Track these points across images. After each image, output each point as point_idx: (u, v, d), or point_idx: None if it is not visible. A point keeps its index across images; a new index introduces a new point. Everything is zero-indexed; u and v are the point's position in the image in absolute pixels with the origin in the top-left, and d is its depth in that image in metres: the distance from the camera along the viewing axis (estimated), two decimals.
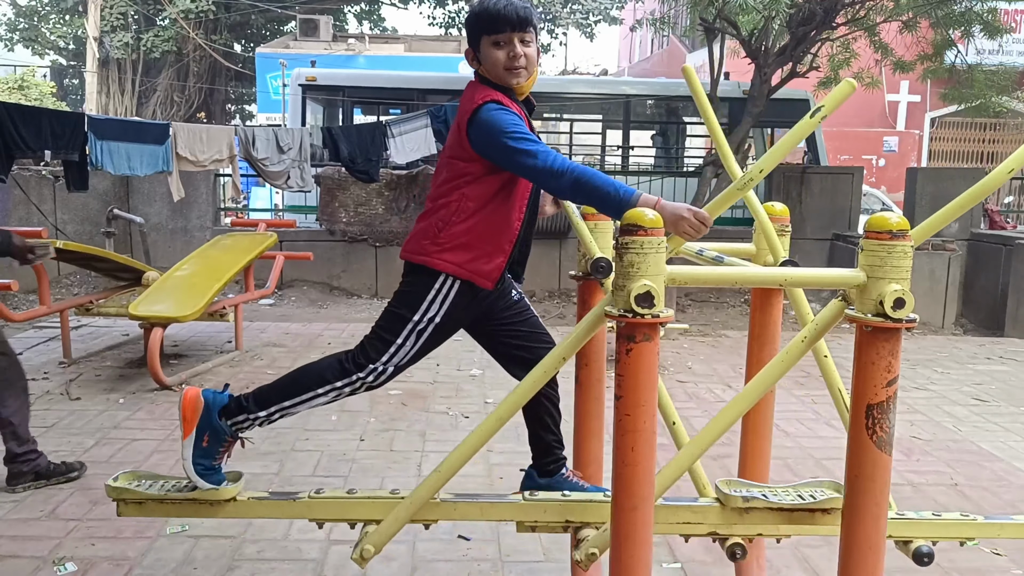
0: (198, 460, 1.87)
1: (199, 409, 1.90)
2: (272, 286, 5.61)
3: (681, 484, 1.87)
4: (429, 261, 1.93)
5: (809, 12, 6.45)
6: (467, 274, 1.93)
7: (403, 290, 1.99)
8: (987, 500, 3.17)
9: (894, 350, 1.44)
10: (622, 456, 1.45)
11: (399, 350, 1.94)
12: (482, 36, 1.91)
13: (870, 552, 1.49)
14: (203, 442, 1.88)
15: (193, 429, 1.88)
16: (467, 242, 1.93)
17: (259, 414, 1.92)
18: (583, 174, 1.78)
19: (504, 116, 1.85)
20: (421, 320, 1.93)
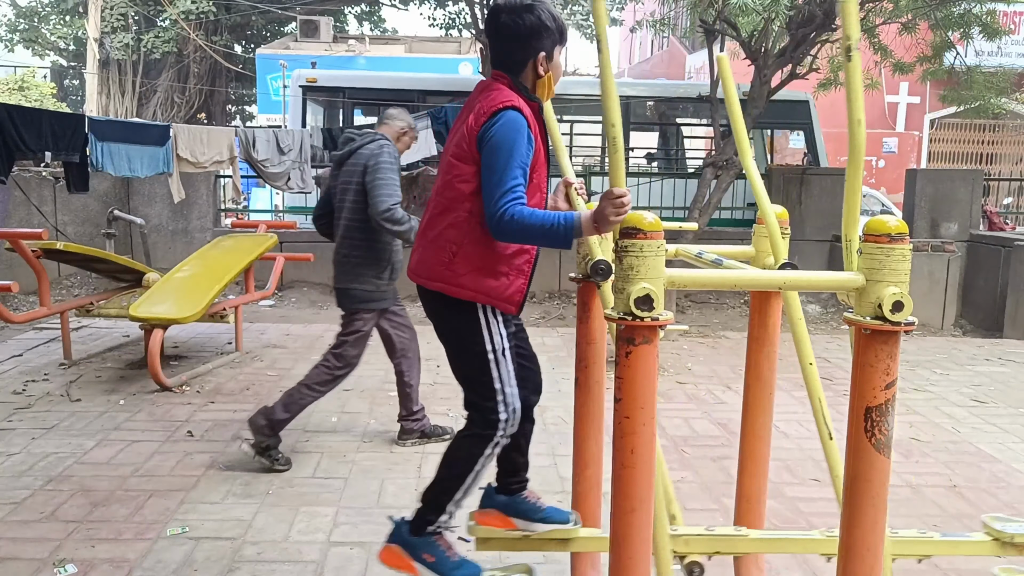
0: (444, 572, 1.94)
1: (399, 551, 1.98)
2: (272, 287, 5.62)
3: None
4: (447, 289, 1.91)
5: (809, 14, 6.46)
6: (488, 300, 1.92)
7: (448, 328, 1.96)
8: (986, 501, 3.18)
9: (893, 353, 1.44)
10: (621, 458, 1.46)
11: (504, 384, 1.94)
12: (557, 46, 1.94)
13: (868, 554, 1.50)
14: (428, 560, 1.95)
15: (414, 564, 1.95)
16: (483, 267, 1.90)
17: (441, 517, 1.97)
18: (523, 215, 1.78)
19: (521, 135, 1.82)
20: (495, 345, 1.93)
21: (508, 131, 1.82)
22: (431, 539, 1.97)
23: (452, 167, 1.93)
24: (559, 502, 2.95)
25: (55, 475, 3.15)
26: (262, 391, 4.38)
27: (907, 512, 2.99)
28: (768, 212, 1.98)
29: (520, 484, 2.11)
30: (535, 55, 1.92)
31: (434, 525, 1.97)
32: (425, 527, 1.97)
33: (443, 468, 2.00)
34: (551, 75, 1.95)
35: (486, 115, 1.84)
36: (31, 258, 4.50)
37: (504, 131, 1.82)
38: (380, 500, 3.01)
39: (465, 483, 1.96)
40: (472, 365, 1.95)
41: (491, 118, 1.84)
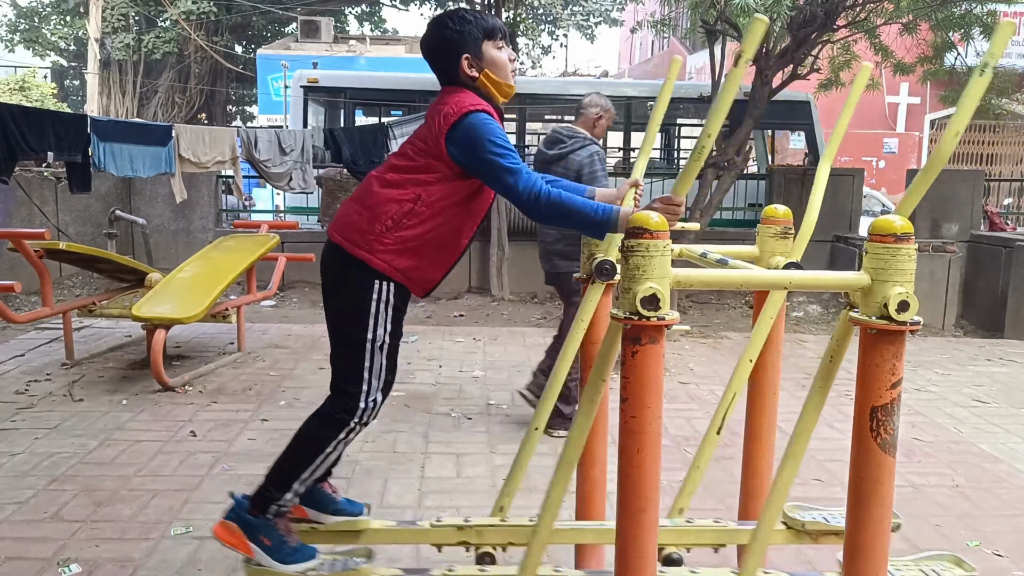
0: (279, 558, 1.91)
1: (235, 530, 1.94)
2: (274, 287, 5.62)
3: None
4: (369, 259, 1.88)
5: (810, 14, 6.47)
6: (403, 279, 1.91)
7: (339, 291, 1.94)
8: (988, 501, 3.18)
9: (898, 353, 1.45)
10: (628, 458, 1.46)
11: (372, 376, 1.92)
12: (483, 42, 1.93)
13: (875, 554, 1.50)
14: (265, 543, 1.91)
15: (249, 544, 1.92)
16: (413, 248, 1.90)
17: (286, 496, 1.94)
18: (559, 199, 1.79)
19: (495, 128, 1.85)
20: (376, 336, 1.91)
21: (481, 130, 1.84)
22: (271, 521, 1.93)
23: (415, 153, 1.92)
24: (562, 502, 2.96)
25: (58, 475, 3.15)
26: (264, 391, 4.38)
27: (910, 512, 3.00)
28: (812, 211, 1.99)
29: (321, 478, 2.09)
30: (458, 60, 1.93)
31: (277, 503, 1.93)
32: (267, 504, 1.93)
33: (294, 445, 1.97)
34: (487, 72, 1.94)
35: (455, 116, 1.86)
36: (33, 258, 4.50)
37: (477, 132, 1.84)
38: (383, 500, 3.01)
39: (314, 463, 1.93)
40: (348, 346, 1.93)
41: (456, 125, 1.85)
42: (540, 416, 2.06)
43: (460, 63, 1.93)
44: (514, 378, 4.82)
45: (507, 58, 1.97)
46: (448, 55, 1.94)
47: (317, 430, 1.96)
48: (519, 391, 4.00)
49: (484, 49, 1.94)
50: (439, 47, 1.96)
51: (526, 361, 5.27)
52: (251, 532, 1.92)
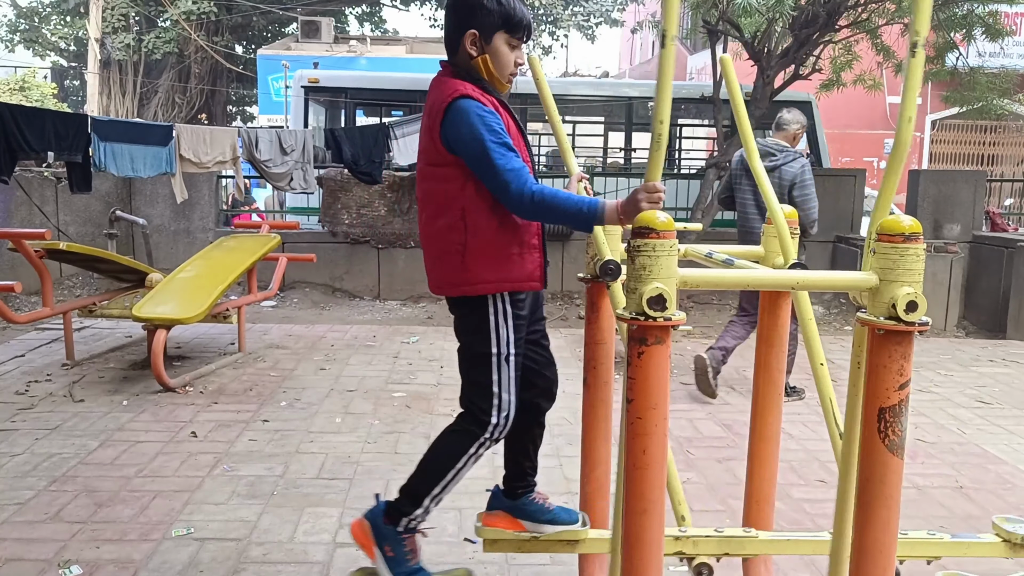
0: (396, 570, 1.91)
1: (367, 530, 1.94)
2: (275, 288, 5.61)
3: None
4: (469, 291, 1.89)
5: (812, 15, 6.46)
6: (511, 286, 1.89)
7: (463, 327, 1.96)
8: (992, 503, 3.17)
9: (906, 353, 1.43)
10: (633, 459, 1.45)
11: (502, 389, 1.91)
12: (499, 31, 1.87)
13: (881, 556, 1.49)
14: (388, 553, 1.92)
15: (374, 547, 1.93)
16: (493, 254, 1.87)
17: (417, 512, 1.94)
18: (545, 193, 1.76)
19: (486, 114, 1.80)
20: (500, 349, 1.90)
21: (464, 121, 1.78)
22: (400, 535, 1.94)
23: (429, 174, 1.91)
24: (565, 503, 2.95)
25: (59, 476, 3.14)
26: (265, 392, 4.37)
27: (914, 513, 2.98)
28: (776, 212, 1.97)
29: (526, 488, 2.09)
30: (464, 31, 1.87)
31: (409, 517, 1.93)
32: (400, 517, 1.93)
33: (426, 460, 1.97)
34: (487, 58, 1.87)
35: (439, 114, 1.82)
36: (34, 258, 4.49)
37: (458, 124, 1.79)
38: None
39: (446, 479, 1.92)
40: (474, 363, 1.93)
41: (443, 117, 1.82)
42: None
43: (464, 34, 1.87)
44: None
45: (513, 59, 1.91)
46: (461, 19, 1.88)
47: (449, 443, 1.95)
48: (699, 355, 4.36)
49: (495, 37, 1.87)
50: (456, 8, 1.90)
51: None
52: (379, 538, 1.93)
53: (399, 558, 1.92)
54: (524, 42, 1.93)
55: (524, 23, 1.89)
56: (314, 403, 4.16)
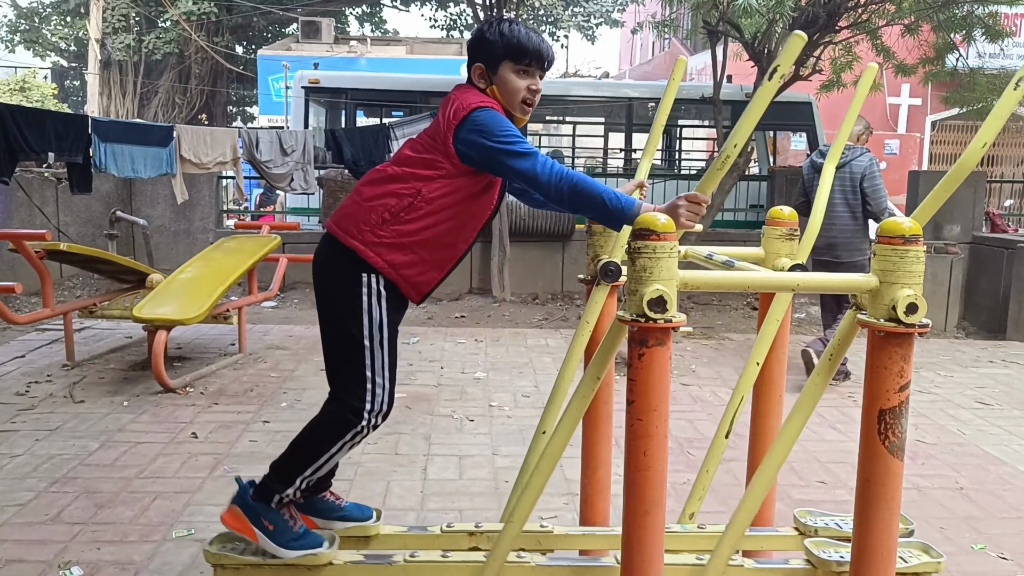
0: (282, 542, 1.88)
1: (239, 514, 1.91)
2: (276, 288, 5.61)
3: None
4: (363, 251, 1.85)
5: (812, 15, 6.46)
6: (396, 277, 1.87)
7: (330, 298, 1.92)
8: (992, 504, 3.17)
9: (906, 355, 1.44)
10: (634, 461, 1.45)
11: (375, 374, 1.87)
12: (505, 60, 1.88)
13: (882, 557, 1.49)
14: (268, 527, 1.88)
15: (254, 528, 1.89)
16: (408, 244, 1.86)
17: (288, 490, 1.91)
18: (582, 182, 1.74)
19: (501, 119, 1.82)
20: (372, 332, 1.86)
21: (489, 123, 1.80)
22: (278, 510, 1.91)
23: (422, 148, 1.90)
24: (565, 504, 2.96)
25: (59, 477, 3.14)
26: (265, 393, 4.37)
27: (914, 514, 2.98)
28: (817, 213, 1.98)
29: (320, 488, 2.08)
30: (472, 66, 1.93)
31: (280, 495, 1.91)
32: (272, 495, 1.91)
33: (300, 441, 1.94)
34: (494, 89, 1.90)
35: (459, 118, 1.83)
36: (34, 259, 4.49)
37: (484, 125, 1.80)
38: (386, 502, 3.00)
39: (319, 462, 1.90)
40: (345, 351, 1.89)
41: (463, 122, 1.82)
42: (547, 421, 2.03)
43: (472, 69, 1.94)
44: (516, 380, 4.81)
45: (524, 86, 1.90)
46: (470, 55, 1.96)
47: (323, 427, 1.92)
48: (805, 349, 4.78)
49: (501, 68, 1.89)
50: (470, 45, 1.97)
51: (528, 362, 5.26)
52: (254, 517, 1.89)
53: (281, 527, 1.89)
54: (538, 68, 1.91)
55: (530, 49, 1.88)
56: (315, 404, 4.13)
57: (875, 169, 4.66)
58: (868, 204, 4.66)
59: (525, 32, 1.90)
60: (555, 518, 2.80)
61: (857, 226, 4.74)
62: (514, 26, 1.90)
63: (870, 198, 4.64)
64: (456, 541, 2.00)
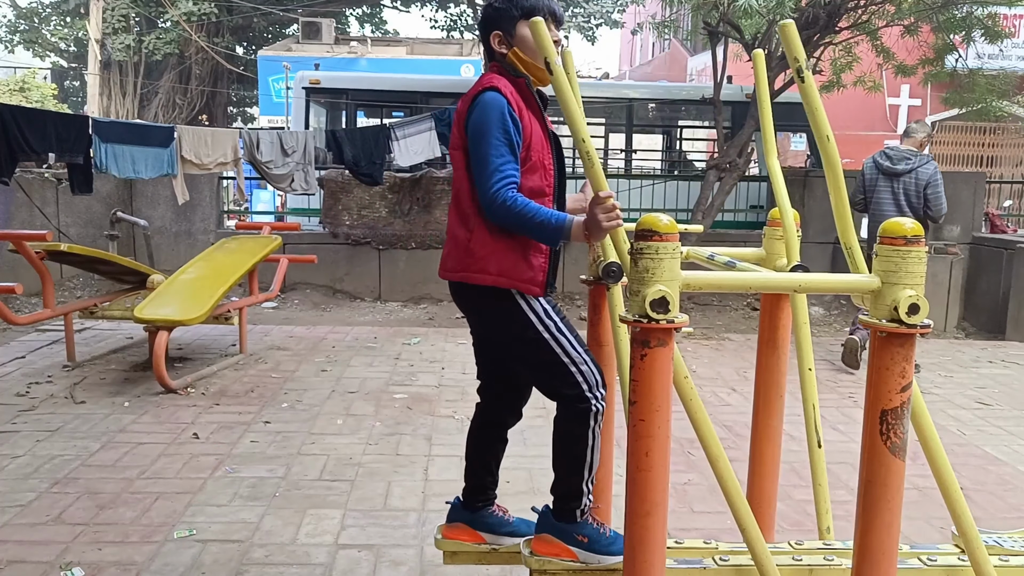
0: (602, 549, 1.89)
1: (550, 539, 1.92)
2: (276, 289, 5.62)
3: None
4: (468, 277, 1.90)
5: (812, 16, 6.47)
6: (512, 284, 1.88)
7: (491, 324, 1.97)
8: (993, 504, 3.17)
9: (908, 356, 1.44)
10: (636, 461, 1.46)
11: (571, 358, 1.89)
12: (519, 20, 1.92)
13: (884, 558, 1.50)
14: (583, 540, 1.89)
15: (572, 548, 1.90)
16: (498, 245, 1.88)
17: (582, 500, 1.92)
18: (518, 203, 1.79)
19: (500, 113, 1.83)
20: (546, 325, 1.89)
21: (482, 113, 1.84)
22: (586, 522, 1.92)
23: (454, 159, 1.96)
24: None
25: (61, 477, 3.14)
26: (266, 393, 4.38)
27: (915, 515, 2.99)
28: (787, 214, 1.98)
29: (487, 501, 2.10)
30: (489, 36, 1.96)
31: (580, 508, 1.92)
32: (573, 512, 1.92)
33: (559, 455, 1.94)
34: (516, 50, 1.93)
35: (468, 101, 1.89)
36: (35, 260, 4.50)
37: (479, 115, 1.85)
38: (387, 503, 3.00)
39: (587, 459, 1.90)
40: (531, 353, 1.91)
41: (471, 105, 1.88)
42: None
43: (491, 39, 1.96)
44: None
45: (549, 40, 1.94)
46: (484, 30, 1.98)
47: (569, 431, 1.91)
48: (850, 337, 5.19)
49: (518, 27, 1.93)
50: (481, 23, 2.01)
51: None
52: (566, 536, 1.91)
53: (595, 536, 1.90)
54: (553, 22, 1.94)
55: (540, 6, 1.92)
56: (315, 405, 4.17)
57: (939, 177, 5.11)
58: (929, 209, 5.12)
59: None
60: None
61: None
62: None
63: (932, 204, 5.11)
64: None
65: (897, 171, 5.17)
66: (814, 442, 1.97)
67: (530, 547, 1.94)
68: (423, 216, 7.49)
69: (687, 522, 2.91)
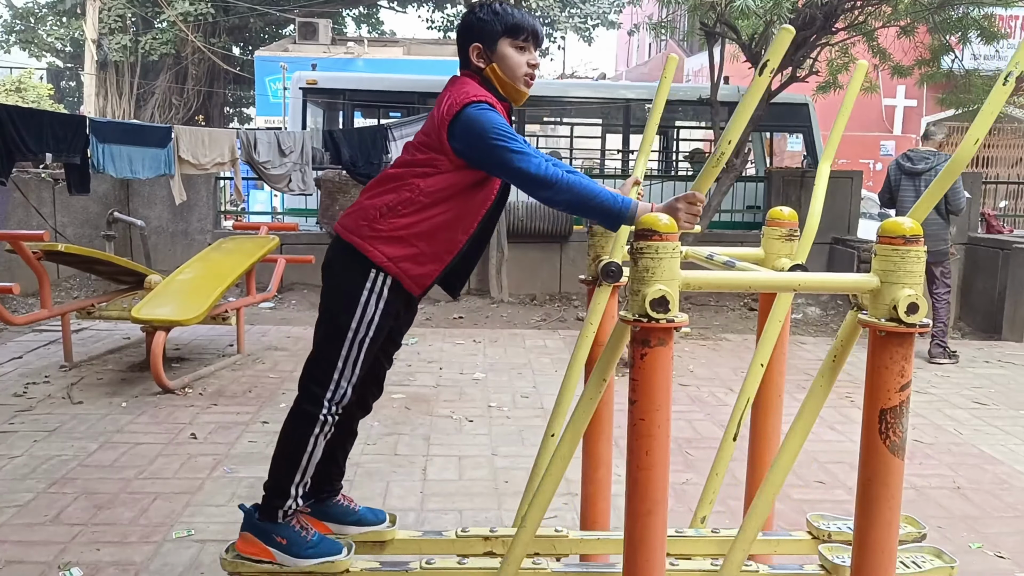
0: (298, 553, 1.89)
1: (252, 539, 1.92)
2: (274, 289, 5.61)
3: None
4: (361, 245, 1.87)
5: (809, 17, 6.48)
6: (396, 271, 1.88)
7: (331, 290, 1.94)
8: (989, 503, 3.19)
9: (907, 355, 1.45)
10: (636, 460, 1.46)
11: (344, 366, 1.89)
12: (503, 37, 1.90)
13: (883, 556, 1.50)
14: (282, 542, 1.90)
15: (270, 548, 1.91)
16: (404, 237, 1.87)
17: (287, 502, 1.92)
18: (579, 183, 1.75)
19: (493, 116, 1.82)
20: (359, 327, 1.88)
21: (482, 121, 1.81)
22: (287, 523, 1.92)
23: (419, 147, 1.92)
24: (565, 504, 2.96)
25: (58, 478, 3.14)
26: (264, 393, 4.37)
27: (913, 513, 2.98)
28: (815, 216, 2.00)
29: (332, 492, 2.10)
30: (468, 47, 1.93)
31: (283, 509, 1.92)
32: (275, 512, 1.92)
33: (278, 452, 1.96)
34: (495, 67, 1.91)
35: (451, 114, 1.84)
36: (32, 260, 4.48)
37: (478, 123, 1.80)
38: (386, 503, 3.00)
39: (301, 464, 1.91)
40: (327, 339, 1.91)
41: (458, 112, 1.83)
42: (555, 424, 2.03)
43: (469, 50, 1.93)
44: (514, 380, 4.81)
45: (524, 61, 1.92)
46: (463, 39, 1.95)
47: (292, 430, 1.94)
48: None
49: (499, 45, 1.90)
50: (460, 29, 1.98)
51: (526, 363, 5.26)
52: (265, 536, 1.91)
53: (293, 538, 1.90)
54: (533, 45, 1.93)
55: (525, 26, 1.91)
56: None
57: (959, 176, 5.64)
58: (948, 203, 5.49)
59: (518, 10, 1.94)
60: (555, 518, 2.80)
61: (941, 221, 5.56)
62: (504, 5, 1.93)
63: (950, 198, 5.48)
64: (471, 546, 1.99)
65: (918, 170, 5.57)
66: (730, 435, 1.99)
67: (234, 548, 1.95)
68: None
69: (685, 521, 2.90)
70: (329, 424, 1.92)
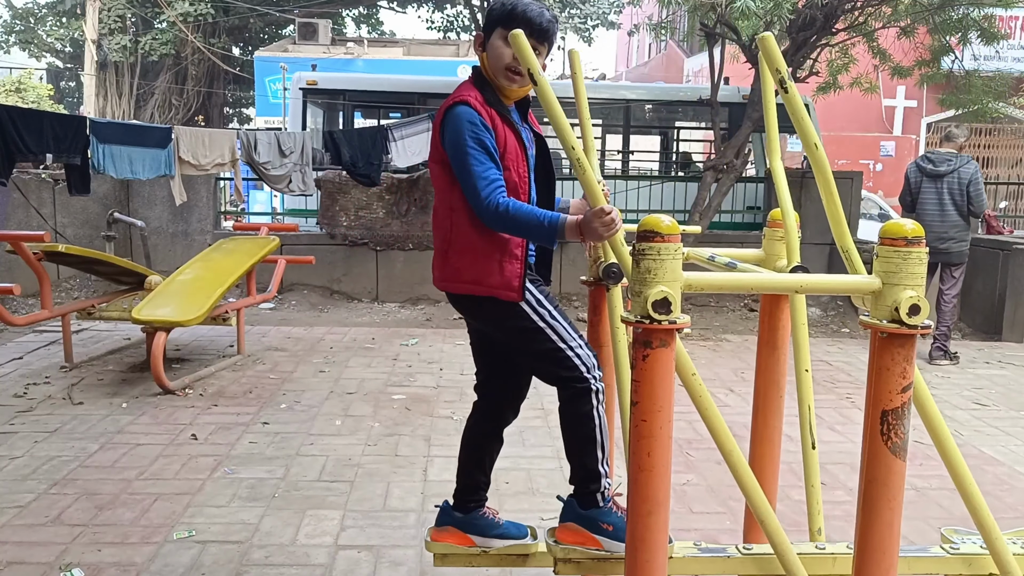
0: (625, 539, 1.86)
1: (575, 528, 1.91)
2: (274, 290, 5.61)
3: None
4: (448, 287, 1.95)
5: (809, 18, 6.49)
6: (484, 291, 1.89)
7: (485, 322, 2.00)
8: (990, 504, 3.16)
9: (909, 356, 1.45)
10: (638, 461, 1.46)
11: (567, 343, 1.90)
12: (497, 27, 1.87)
13: (884, 558, 1.50)
14: (608, 528, 1.89)
15: (594, 536, 1.90)
16: (473, 256, 1.89)
17: (600, 483, 1.91)
18: (516, 213, 1.80)
19: (476, 123, 1.82)
20: (540, 315, 1.90)
21: (454, 128, 1.83)
22: (607, 508, 1.91)
23: (432, 173, 1.97)
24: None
25: (59, 478, 3.14)
26: (264, 394, 4.37)
27: (912, 515, 3.00)
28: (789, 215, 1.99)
29: (478, 502, 2.09)
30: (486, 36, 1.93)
31: (601, 490, 1.91)
32: (595, 496, 1.91)
33: (572, 442, 1.94)
34: (483, 56, 1.92)
35: (440, 115, 1.89)
36: (32, 260, 4.49)
37: (451, 130, 1.84)
38: (386, 503, 3.00)
39: (597, 439, 1.90)
40: (528, 342, 1.92)
41: (443, 119, 1.87)
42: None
43: (476, 37, 1.96)
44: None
45: (510, 53, 1.84)
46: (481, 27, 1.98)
47: (574, 415, 1.92)
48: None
49: (493, 35, 1.89)
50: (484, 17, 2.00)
51: None
52: (591, 525, 1.90)
53: (620, 524, 1.87)
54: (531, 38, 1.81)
55: (518, 14, 1.84)
56: (314, 405, 4.16)
57: (979, 176, 5.59)
58: (971, 205, 5.55)
59: (533, 4, 1.88)
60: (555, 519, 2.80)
61: (963, 222, 5.61)
62: None
63: (973, 200, 5.55)
64: None
65: (940, 172, 5.57)
66: (808, 444, 1.99)
67: (554, 536, 1.93)
68: (420, 217, 7.49)
69: (686, 523, 2.91)
70: (601, 391, 1.92)
